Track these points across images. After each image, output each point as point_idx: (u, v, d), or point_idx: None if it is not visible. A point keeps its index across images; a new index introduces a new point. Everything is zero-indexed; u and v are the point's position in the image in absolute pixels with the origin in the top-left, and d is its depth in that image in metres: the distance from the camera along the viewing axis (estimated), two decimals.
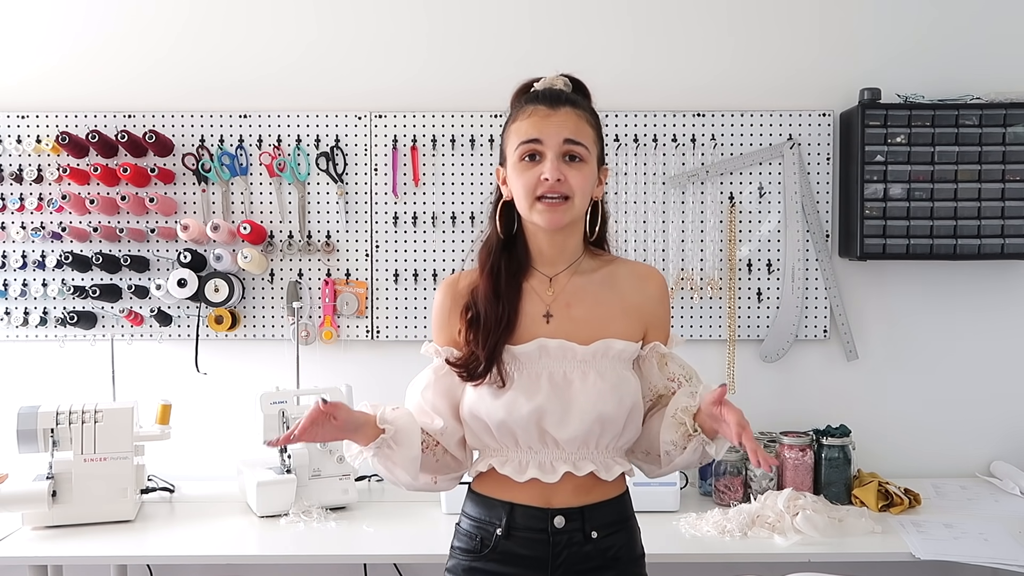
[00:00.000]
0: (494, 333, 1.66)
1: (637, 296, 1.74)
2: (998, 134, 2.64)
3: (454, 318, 1.73)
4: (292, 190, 2.80)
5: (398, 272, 2.81)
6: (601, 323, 1.70)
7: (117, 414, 2.47)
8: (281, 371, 2.72)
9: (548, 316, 1.70)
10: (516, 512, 1.68)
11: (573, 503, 1.68)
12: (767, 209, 2.79)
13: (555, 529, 1.67)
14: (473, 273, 1.76)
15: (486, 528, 1.70)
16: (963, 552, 2.20)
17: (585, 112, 1.70)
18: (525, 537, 1.68)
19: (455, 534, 1.77)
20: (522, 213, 1.69)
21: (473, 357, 1.67)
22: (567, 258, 1.74)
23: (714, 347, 2.82)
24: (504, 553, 1.69)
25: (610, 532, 1.70)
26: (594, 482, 1.69)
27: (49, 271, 2.78)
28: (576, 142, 1.65)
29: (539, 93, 1.70)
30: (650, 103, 2.78)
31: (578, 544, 1.68)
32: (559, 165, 1.64)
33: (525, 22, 2.79)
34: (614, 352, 1.68)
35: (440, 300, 1.76)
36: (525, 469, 1.67)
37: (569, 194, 1.64)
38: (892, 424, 2.82)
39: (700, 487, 2.68)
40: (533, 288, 1.72)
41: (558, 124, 1.65)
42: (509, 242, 1.73)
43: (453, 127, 2.80)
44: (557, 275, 1.73)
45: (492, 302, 1.68)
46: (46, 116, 2.79)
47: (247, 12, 2.80)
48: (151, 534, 2.40)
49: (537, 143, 1.65)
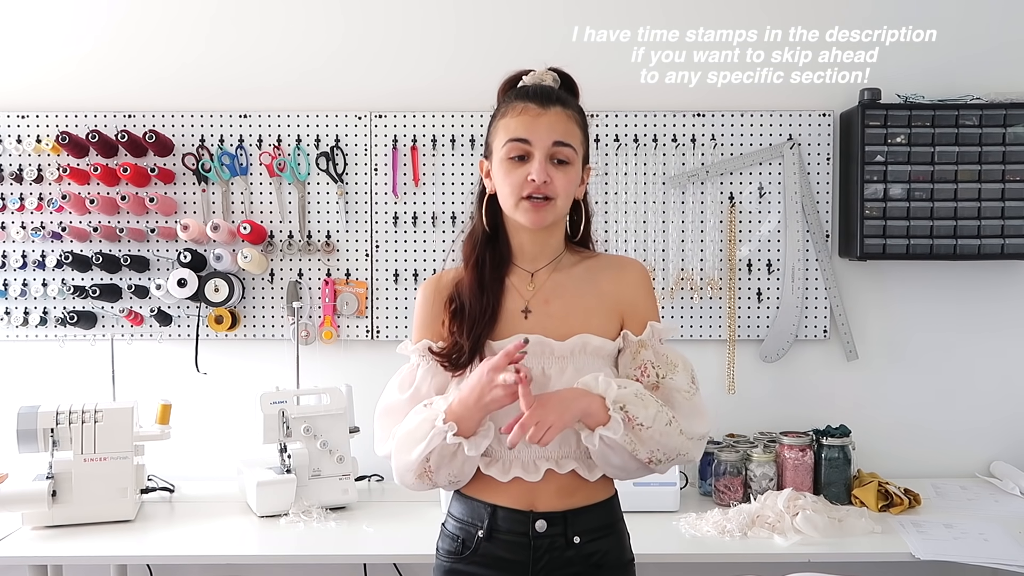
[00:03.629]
0: (478, 324, 1.65)
1: (614, 287, 1.72)
2: (998, 134, 2.64)
3: (438, 311, 1.72)
4: (292, 190, 2.80)
5: (398, 272, 2.81)
6: (579, 319, 1.68)
7: (117, 414, 2.47)
8: (281, 371, 2.72)
9: (527, 312, 1.69)
10: (498, 514, 1.67)
11: (556, 507, 1.65)
12: (767, 209, 2.79)
13: (536, 533, 1.65)
14: (455, 270, 1.75)
15: (468, 530, 1.69)
16: (963, 552, 2.20)
17: (574, 112, 1.68)
18: (506, 540, 1.66)
19: (440, 535, 1.76)
20: (506, 210, 1.68)
21: (456, 347, 1.66)
22: (548, 255, 1.73)
23: (714, 347, 2.82)
24: (485, 556, 1.67)
25: (594, 537, 1.68)
26: (578, 484, 1.67)
27: (49, 271, 2.78)
28: (565, 144, 1.64)
29: (529, 90, 1.68)
30: (651, 103, 2.79)
31: (560, 549, 1.66)
32: (546, 167, 1.63)
33: (525, 22, 2.79)
34: (591, 348, 1.66)
35: (424, 296, 1.75)
36: (509, 469, 1.66)
37: (553, 195, 1.64)
38: (892, 424, 2.82)
39: (700, 487, 2.68)
40: (513, 284, 1.71)
41: (548, 125, 1.63)
42: (493, 235, 1.72)
43: (453, 127, 2.80)
44: (538, 271, 1.72)
45: (477, 294, 1.67)
46: (46, 116, 2.79)
47: (247, 13, 2.80)
48: (151, 534, 2.40)
49: (526, 143, 1.63)
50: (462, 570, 1.69)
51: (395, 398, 1.72)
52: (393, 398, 1.72)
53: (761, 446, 2.59)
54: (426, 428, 1.61)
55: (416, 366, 1.72)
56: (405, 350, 1.75)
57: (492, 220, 1.72)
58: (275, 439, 2.52)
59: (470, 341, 1.65)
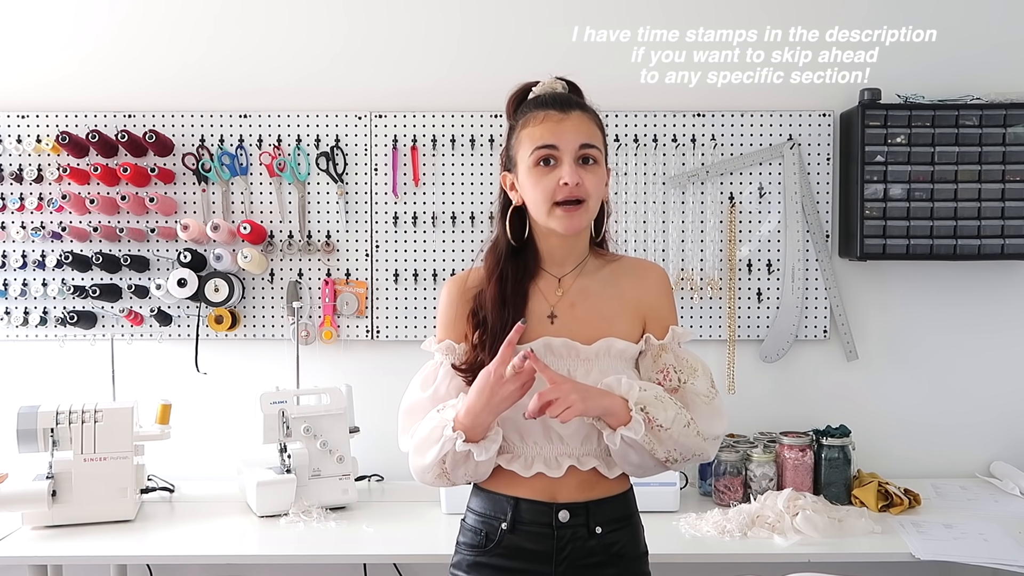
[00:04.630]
0: (500, 339, 1.66)
1: (636, 291, 1.76)
2: (998, 134, 2.64)
3: (462, 312, 1.75)
4: (292, 190, 2.80)
5: (398, 272, 2.81)
6: (603, 322, 1.72)
7: (117, 414, 2.47)
8: (281, 371, 2.72)
9: (552, 316, 1.72)
10: (521, 507, 1.70)
11: (578, 498, 1.69)
12: (767, 209, 2.79)
13: (560, 523, 1.69)
14: (479, 273, 1.77)
15: (491, 523, 1.72)
16: (963, 552, 2.20)
17: (592, 115, 1.71)
18: (530, 531, 1.69)
19: (460, 530, 1.78)
20: (538, 219, 1.70)
21: (479, 362, 1.69)
22: (575, 259, 1.76)
23: (714, 347, 2.81)
24: (509, 547, 1.70)
25: (614, 528, 1.72)
26: (598, 478, 1.71)
27: (49, 271, 2.78)
28: (591, 145, 1.67)
29: (547, 98, 1.70)
30: (651, 103, 2.79)
31: (582, 539, 1.69)
32: (576, 169, 1.65)
33: (525, 22, 2.79)
34: (616, 351, 1.70)
35: (449, 296, 1.77)
36: (531, 465, 1.69)
37: (585, 197, 1.66)
38: (892, 424, 2.82)
39: (700, 487, 2.68)
40: (540, 289, 1.74)
41: (572, 128, 1.66)
42: (516, 248, 1.74)
43: (453, 127, 2.80)
44: (565, 276, 1.75)
45: (499, 308, 1.70)
46: (46, 116, 2.79)
47: (247, 13, 2.80)
48: (151, 534, 2.40)
49: (553, 148, 1.65)
50: (486, 563, 1.71)
51: (417, 396, 1.75)
52: (415, 396, 1.76)
53: (761, 446, 2.59)
54: (437, 435, 1.65)
55: (439, 364, 1.75)
56: (429, 347, 1.78)
57: (517, 232, 1.74)
58: (275, 439, 2.52)
59: (491, 356, 1.66)
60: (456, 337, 1.75)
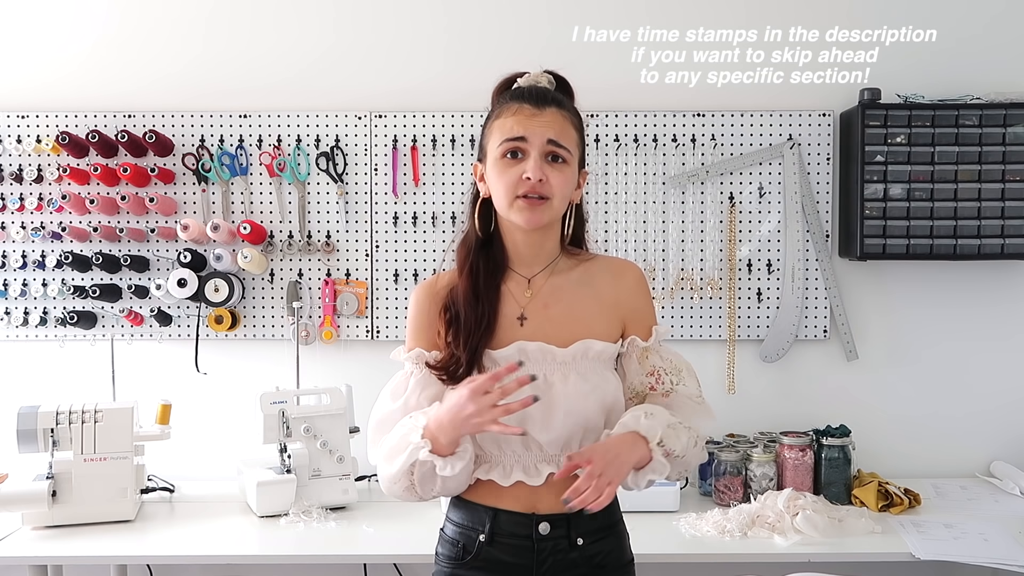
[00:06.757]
0: (474, 334, 1.63)
1: (613, 291, 1.71)
2: (998, 134, 2.64)
3: (432, 318, 1.70)
4: (292, 190, 2.80)
5: (398, 272, 2.81)
6: (579, 323, 1.67)
7: (117, 414, 2.47)
8: (281, 371, 2.72)
9: (522, 319, 1.67)
10: (500, 518, 1.65)
11: (558, 509, 1.61)
12: (767, 209, 2.79)
13: (540, 536, 1.64)
14: (450, 274, 1.73)
15: (469, 534, 1.68)
16: (963, 552, 2.20)
17: (570, 114, 1.67)
18: (509, 544, 1.65)
19: (439, 540, 1.74)
20: (500, 211, 1.66)
21: (453, 359, 1.64)
22: (544, 258, 1.71)
23: (714, 347, 2.82)
24: (488, 560, 1.66)
25: (597, 539, 1.68)
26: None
27: (49, 271, 2.78)
28: (560, 144, 1.63)
29: (524, 91, 1.67)
30: (651, 103, 2.79)
31: (563, 551, 1.65)
32: (542, 165, 1.61)
33: (525, 22, 2.79)
34: (593, 353, 1.66)
35: (418, 302, 1.73)
36: (510, 473, 1.65)
37: (549, 195, 1.62)
38: (892, 424, 2.82)
39: (700, 487, 2.68)
40: (510, 290, 1.69)
41: (543, 124, 1.62)
42: (487, 241, 1.71)
43: (453, 127, 2.80)
44: (535, 276, 1.70)
45: (471, 302, 1.65)
46: (46, 116, 2.79)
47: (247, 13, 2.80)
48: (151, 534, 2.40)
49: (521, 141, 1.62)
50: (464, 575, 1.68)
51: (387, 408, 1.70)
52: (386, 407, 1.70)
53: (761, 446, 2.59)
54: (404, 443, 1.60)
55: (409, 374, 1.70)
56: (399, 357, 1.73)
57: (486, 225, 1.70)
58: (275, 439, 2.52)
59: (467, 352, 1.63)
60: (427, 345, 1.70)
